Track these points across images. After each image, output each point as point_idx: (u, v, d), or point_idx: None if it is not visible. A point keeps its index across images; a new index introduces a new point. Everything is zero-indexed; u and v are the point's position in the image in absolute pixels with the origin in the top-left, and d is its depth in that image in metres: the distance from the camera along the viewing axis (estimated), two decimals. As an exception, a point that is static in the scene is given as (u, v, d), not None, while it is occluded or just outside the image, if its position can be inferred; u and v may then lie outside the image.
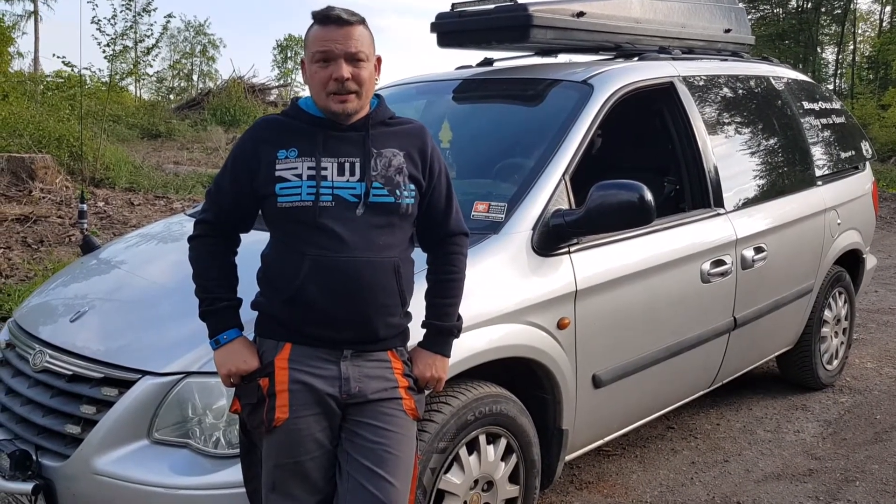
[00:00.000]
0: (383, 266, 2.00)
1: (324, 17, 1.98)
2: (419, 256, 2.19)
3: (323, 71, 1.97)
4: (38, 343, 2.64)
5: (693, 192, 3.64)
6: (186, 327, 2.39)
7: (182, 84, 47.51)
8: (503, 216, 2.79)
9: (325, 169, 1.97)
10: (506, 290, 2.67)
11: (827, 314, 4.64)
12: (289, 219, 1.97)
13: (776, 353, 4.43)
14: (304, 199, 1.95)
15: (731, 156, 3.85)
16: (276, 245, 2.04)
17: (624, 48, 3.95)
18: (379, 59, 2.09)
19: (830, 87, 30.43)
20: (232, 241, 2.12)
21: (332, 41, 1.96)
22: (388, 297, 2.02)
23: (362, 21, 2.02)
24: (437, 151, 2.14)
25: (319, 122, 2.03)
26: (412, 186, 2.05)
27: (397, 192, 2.01)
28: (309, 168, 1.97)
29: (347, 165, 1.99)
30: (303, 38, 2.05)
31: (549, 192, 2.86)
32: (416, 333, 2.17)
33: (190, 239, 2.12)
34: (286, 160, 1.98)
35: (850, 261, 4.85)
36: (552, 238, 2.81)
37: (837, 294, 4.74)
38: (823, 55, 33.38)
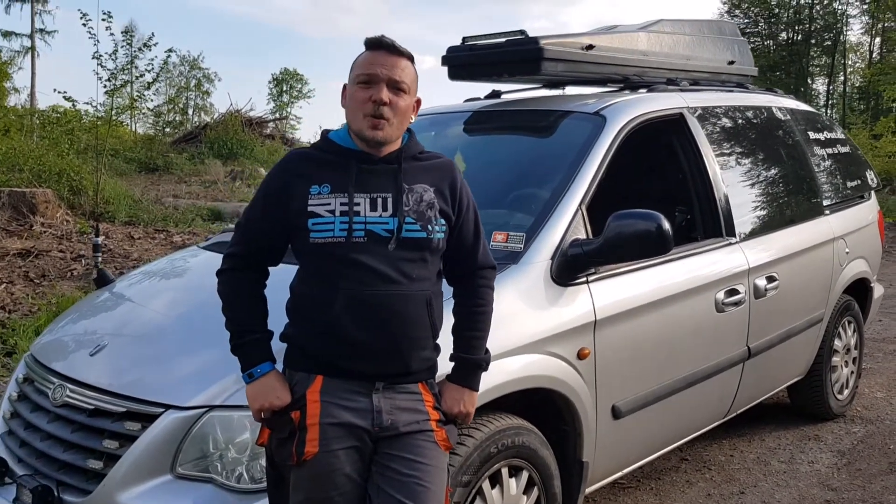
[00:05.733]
0: (416, 299, 2.00)
1: (376, 43, 2.04)
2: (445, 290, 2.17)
3: (363, 92, 2.00)
4: (58, 377, 2.62)
5: (705, 221, 3.65)
6: (208, 361, 2.38)
7: (178, 118, 47.65)
8: (522, 246, 2.79)
9: (358, 204, 1.99)
10: (526, 321, 2.66)
11: (837, 343, 4.63)
12: (321, 254, 1.97)
13: (788, 383, 4.42)
14: (337, 235, 1.96)
15: (740, 185, 3.87)
16: (306, 278, 2.04)
17: (632, 80, 4.00)
18: (418, 102, 2.11)
19: (822, 117, 30.63)
20: (261, 275, 2.12)
21: (379, 65, 2.00)
22: (421, 330, 2.02)
23: (411, 57, 2.07)
24: (465, 187, 2.16)
25: (352, 155, 2.04)
26: (443, 221, 2.07)
27: (429, 227, 2.03)
28: (342, 204, 1.98)
29: (380, 201, 2.00)
30: (347, 68, 2.09)
31: (567, 221, 2.87)
32: (444, 366, 2.16)
33: (219, 273, 2.12)
34: (319, 196, 1.99)
35: (859, 290, 4.86)
36: (571, 268, 2.81)
37: (847, 323, 4.74)
38: (814, 86, 33.82)
